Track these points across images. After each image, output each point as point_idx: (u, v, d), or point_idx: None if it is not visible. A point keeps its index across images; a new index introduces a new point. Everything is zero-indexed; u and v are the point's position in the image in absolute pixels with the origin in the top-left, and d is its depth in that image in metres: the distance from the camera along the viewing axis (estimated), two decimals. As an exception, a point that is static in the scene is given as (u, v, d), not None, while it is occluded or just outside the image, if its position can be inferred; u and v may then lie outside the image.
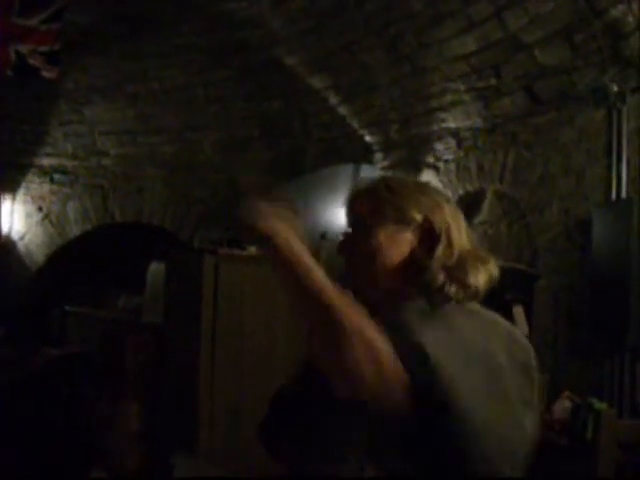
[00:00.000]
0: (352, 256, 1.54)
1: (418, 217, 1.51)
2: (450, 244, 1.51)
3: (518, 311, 4.25)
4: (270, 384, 1.74)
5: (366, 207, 1.54)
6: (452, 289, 1.46)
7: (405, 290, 1.47)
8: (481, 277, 1.50)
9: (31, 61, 6.01)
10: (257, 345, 4.52)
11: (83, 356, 6.18)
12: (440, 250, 1.49)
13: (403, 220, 1.51)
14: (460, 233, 1.54)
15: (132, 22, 6.62)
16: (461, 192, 5.74)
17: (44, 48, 6.02)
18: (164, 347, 4.96)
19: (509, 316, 4.16)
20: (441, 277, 1.46)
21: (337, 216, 6.65)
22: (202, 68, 7.23)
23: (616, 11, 4.10)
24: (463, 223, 1.59)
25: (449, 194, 5.81)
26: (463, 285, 1.47)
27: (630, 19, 4.08)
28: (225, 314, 4.48)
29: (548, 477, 3.46)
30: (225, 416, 4.40)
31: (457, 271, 1.48)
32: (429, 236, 1.51)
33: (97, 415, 5.03)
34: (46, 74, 6.10)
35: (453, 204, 1.61)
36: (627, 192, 4.27)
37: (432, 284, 1.46)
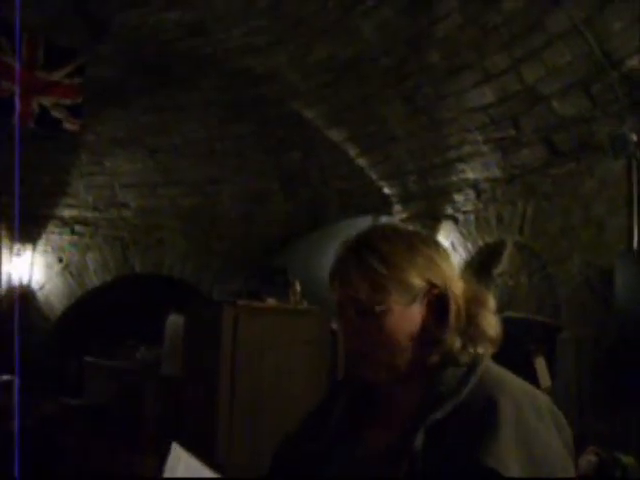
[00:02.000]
0: (364, 346, 1.43)
1: (421, 284, 1.41)
2: (456, 303, 1.43)
3: (540, 363, 4.19)
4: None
5: (364, 288, 1.40)
6: (477, 349, 1.42)
7: (424, 361, 1.41)
8: (493, 323, 1.45)
9: (54, 114, 6.11)
10: (275, 396, 4.48)
11: (101, 407, 6.15)
12: (453, 318, 1.42)
13: (408, 292, 1.41)
14: (457, 281, 1.46)
15: (153, 76, 6.74)
16: (480, 243, 5.72)
17: (67, 101, 6.12)
18: (183, 399, 4.92)
19: (530, 368, 4.10)
20: (459, 342, 1.41)
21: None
22: (221, 122, 7.32)
23: (632, 61, 4.11)
24: (453, 265, 1.50)
25: (469, 246, 5.79)
26: (483, 340, 1.43)
27: (646, 69, 4.09)
28: (244, 365, 4.45)
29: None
30: (243, 468, 4.34)
31: (471, 329, 1.43)
32: (438, 302, 1.43)
33: (113, 466, 4.99)
34: (68, 126, 6.20)
35: (437, 246, 1.51)
36: (649, 242, 4.24)
37: (452, 351, 1.41)
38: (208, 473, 1.46)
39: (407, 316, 1.41)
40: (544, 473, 1.27)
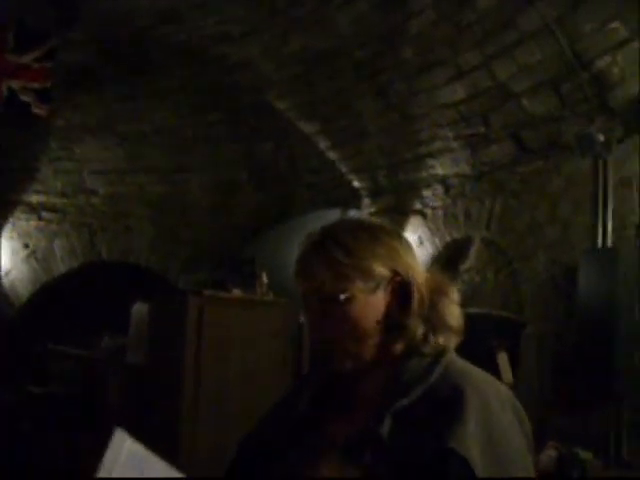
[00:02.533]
0: (330, 335, 1.44)
1: (384, 271, 1.44)
2: (419, 290, 1.46)
3: (502, 358, 4.23)
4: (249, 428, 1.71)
5: (328, 278, 1.42)
6: (439, 338, 1.44)
7: (388, 349, 1.44)
8: (456, 313, 1.48)
9: (22, 97, 6.03)
10: (240, 386, 4.47)
11: (64, 395, 6.09)
12: (416, 304, 1.44)
13: (371, 279, 1.43)
14: (420, 271, 1.49)
15: (125, 64, 6.68)
16: (448, 239, 5.76)
17: (36, 85, 6.05)
18: (147, 388, 4.90)
19: (493, 363, 4.14)
20: (421, 329, 1.44)
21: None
22: (193, 110, 7.28)
23: (602, 62, 4.16)
24: (416, 256, 1.54)
25: (436, 241, 5.83)
26: (445, 329, 1.46)
27: (615, 70, 4.14)
28: (209, 355, 4.44)
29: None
30: (207, 459, 4.33)
31: (434, 318, 1.45)
32: (401, 290, 1.45)
33: (77, 456, 4.95)
34: (37, 111, 6.13)
35: (400, 237, 1.53)
36: (613, 240, 4.30)
37: (415, 338, 1.43)
38: (155, 462, 1.44)
39: (371, 303, 1.43)
40: (502, 456, 1.30)
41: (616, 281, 4.06)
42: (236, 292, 4.58)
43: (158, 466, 1.44)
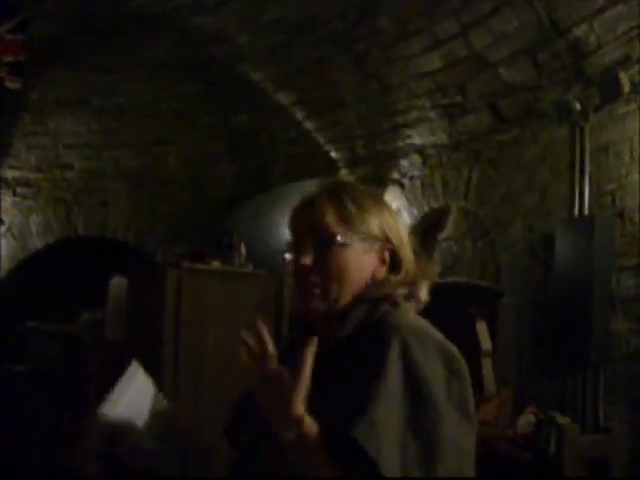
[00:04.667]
0: (314, 274, 1.47)
1: (379, 234, 1.49)
2: (405, 264, 1.51)
3: (481, 327, 4.26)
4: (233, 398, 1.72)
5: (332, 221, 1.47)
6: (407, 304, 1.49)
7: (356, 305, 1.48)
8: (426, 290, 1.54)
9: (-6, 70, 5.93)
10: (220, 359, 4.47)
11: (45, 373, 6.07)
12: (402, 275, 1.50)
13: (368, 238, 1.47)
14: (408, 247, 1.54)
15: (99, 36, 6.57)
16: (426, 209, 5.77)
17: (8, 58, 5.94)
18: (126, 363, 4.89)
19: (472, 331, 4.17)
20: (398, 294, 1.48)
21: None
22: (168, 83, 7.20)
23: (579, 30, 4.16)
24: (406, 231, 1.59)
25: (414, 211, 5.84)
26: (416, 301, 1.51)
27: (592, 38, 4.14)
28: (188, 328, 4.43)
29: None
30: (188, 432, 4.34)
31: (410, 288, 1.51)
32: (390, 259, 1.51)
33: (59, 432, 4.95)
34: (9, 84, 6.02)
35: (396, 212, 1.62)
36: (590, 209, 4.32)
37: (388, 299, 1.48)
38: (160, 398, 1.49)
39: (363, 259, 1.48)
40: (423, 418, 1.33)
41: (592, 249, 4.09)
42: (215, 264, 4.56)
43: (160, 402, 1.49)
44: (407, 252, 1.52)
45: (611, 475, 3.77)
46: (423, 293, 1.53)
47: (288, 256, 1.54)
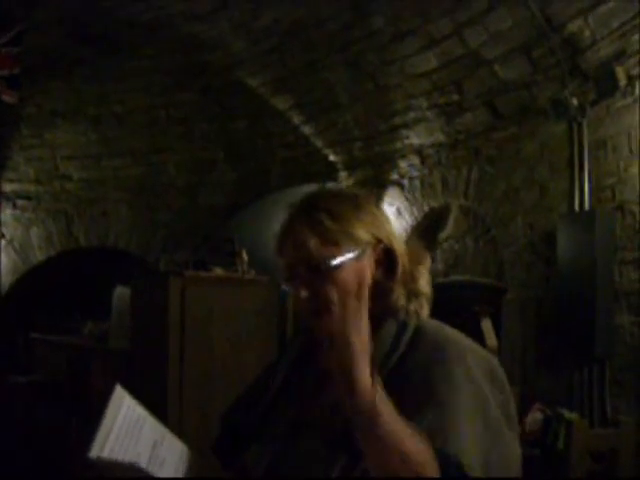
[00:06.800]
0: (315, 301, 1.43)
1: (368, 238, 1.45)
2: (402, 258, 1.48)
3: (486, 324, 4.27)
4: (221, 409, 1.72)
5: (315, 245, 1.42)
6: (413, 306, 1.46)
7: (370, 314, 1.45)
8: (426, 279, 1.51)
9: (-9, 85, 5.94)
10: (225, 367, 4.47)
11: (50, 384, 6.07)
12: (400, 270, 1.46)
13: (356, 245, 1.43)
14: (398, 239, 1.51)
15: (93, 45, 6.58)
16: (426, 208, 5.77)
17: (4, 72, 5.95)
18: (131, 372, 4.89)
19: (477, 329, 4.18)
20: (403, 296, 1.46)
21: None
22: (164, 90, 7.21)
23: (573, 26, 4.16)
24: (392, 225, 1.56)
25: (415, 211, 5.84)
26: (420, 296, 1.48)
27: (587, 33, 4.14)
28: (192, 336, 4.43)
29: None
30: (193, 441, 4.34)
31: (411, 284, 1.48)
32: (385, 257, 1.47)
33: (64, 443, 4.94)
34: (6, 98, 6.03)
35: (378, 206, 1.56)
36: (590, 203, 4.32)
37: (397, 305, 1.45)
38: (153, 423, 1.46)
39: (357, 270, 1.43)
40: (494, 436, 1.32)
41: (594, 243, 4.10)
42: (217, 271, 4.56)
43: (154, 426, 1.46)
44: (399, 244, 1.49)
45: (620, 467, 3.76)
46: (425, 286, 1.49)
47: (285, 288, 1.51)
